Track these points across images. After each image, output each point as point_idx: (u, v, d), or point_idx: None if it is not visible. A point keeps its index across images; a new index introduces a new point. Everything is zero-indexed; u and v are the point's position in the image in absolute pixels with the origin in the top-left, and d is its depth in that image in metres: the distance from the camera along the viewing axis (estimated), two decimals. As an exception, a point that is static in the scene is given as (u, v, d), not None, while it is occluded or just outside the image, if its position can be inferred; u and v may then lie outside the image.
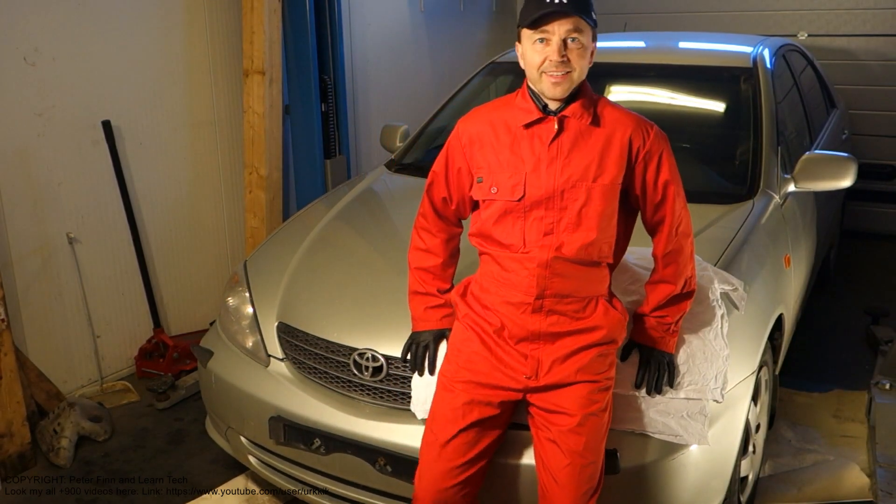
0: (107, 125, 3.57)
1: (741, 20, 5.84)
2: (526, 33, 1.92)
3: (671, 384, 2.13)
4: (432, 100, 5.40)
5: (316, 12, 4.37)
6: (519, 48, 1.99)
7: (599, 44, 2.03)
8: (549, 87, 1.91)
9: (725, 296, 2.33)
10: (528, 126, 1.98)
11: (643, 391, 2.13)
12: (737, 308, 2.36)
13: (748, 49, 3.68)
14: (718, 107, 3.60)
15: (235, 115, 4.23)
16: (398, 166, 3.59)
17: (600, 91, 3.56)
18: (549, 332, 1.99)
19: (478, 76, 3.95)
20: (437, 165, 2.16)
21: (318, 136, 4.50)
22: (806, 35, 5.69)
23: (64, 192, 3.49)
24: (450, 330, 2.22)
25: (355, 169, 5.07)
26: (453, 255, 2.27)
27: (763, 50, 3.66)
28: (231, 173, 4.28)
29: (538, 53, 1.90)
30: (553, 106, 1.96)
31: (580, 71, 1.91)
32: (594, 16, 1.92)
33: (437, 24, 5.88)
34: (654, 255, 2.12)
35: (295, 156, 4.58)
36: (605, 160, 1.95)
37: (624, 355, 2.17)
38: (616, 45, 4.14)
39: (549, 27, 1.87)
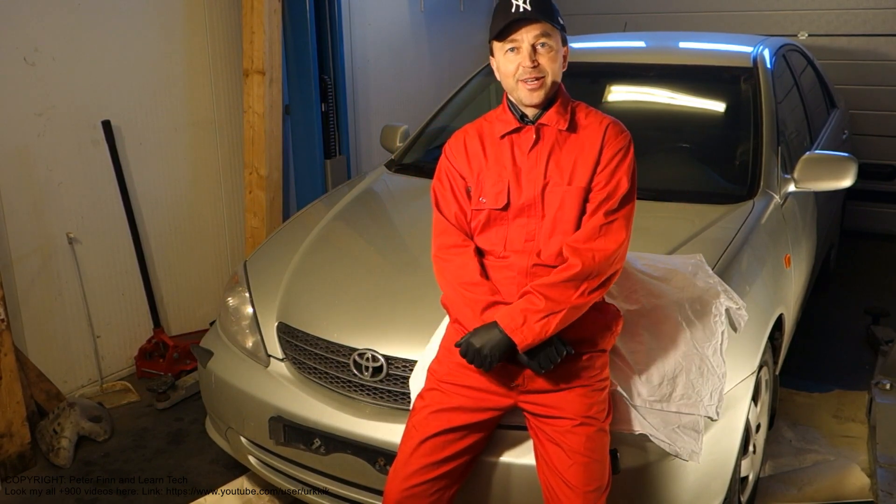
0: (107, 125, 3.57)
1: (741, 20, 5.84)
2: (497, 45, 1.98)
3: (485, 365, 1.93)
4: (432, 100, 5.40)
5: (316, 12, 4.37)
6: (493, 62, 2.04)
7: (600, 44, 2.05)
8: (527, 94, 1.96)
9: (727, 313, 2.32)
10: (507, 135, 2.03)
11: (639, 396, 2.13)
12: (734, 329, 2.33)
13: (748, 49, 3.68)
14: (718, 107, 3.60)
15: (235, 115, 4.23)
16: (398, 166, 3.58)
17: (601, 91, 3.57)
18: None
19: (478, 76, 3.95)
20: (437, 183, 2.12)
21: (318, 136, 4.50)
22: (806, 35, 5.69)
23: (64, 192, 3.49)
24: None
25: (355, 169, 5.07)
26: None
27: (763, 50, 3.65)
28: (231, 173, 4.28)
29: (510, 62, 1.96)
30: (530, 114, 2.00)
31: (553, 74, 1.96)
32: (561, 21, 1.97)
33: (437, 24, 5.88)
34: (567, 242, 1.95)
35: (295, 156, 4.58)
36: (578, 164, 1.98)
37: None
38: (616, 45, 4.14)
39: (517, 35, 1.93)
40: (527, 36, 1.92)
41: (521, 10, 1.90)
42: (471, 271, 2.00)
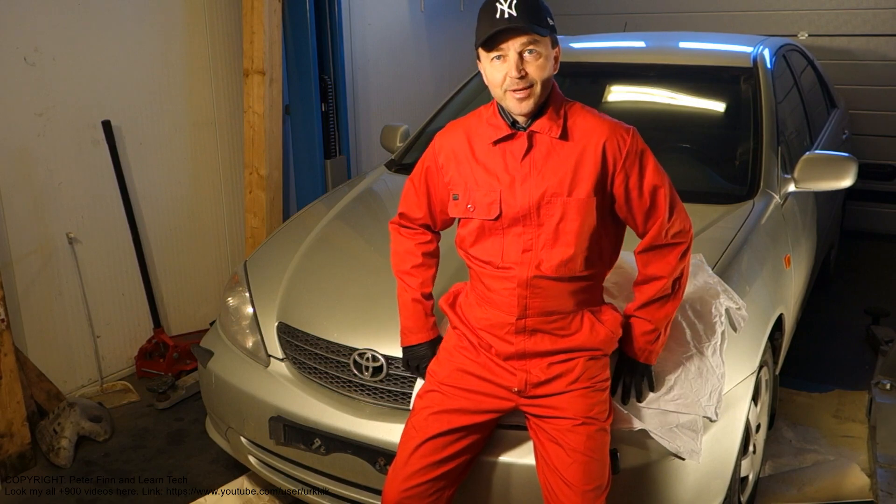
0: (107, 125, 3.57)
1: (741, 20, 5.84)
2: (482, 53, 1.89)
3: (652, 389, 2.13)
4: (432, 100, 5.40)
5: (316, 12, 4.37)
6: (480, 67, 1.95)
7: (600, 44, 2.02)
8: (515, 104, 1.88)
9: (727, 313, 2.32)
10: (498, 143, 1.96)
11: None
12: (734, 329, 2.33)
13: (748, 49, 3.68)
14: (718, 107, 3.60)
15: (235, 115, 4.23)
16: (398, 166, 3.59)
17: (601, 91, 3.57)
18: (534, 350, 1.99)
19: (478, 76, 3.94)
20: (415, 177, 2.15)
21: (318, 136, 4.50)
22: (806, 35, 5.69)
23: (64, 192, 3.49)
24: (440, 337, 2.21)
25: (355, 169, 5.07)
26: (428, 256, 2.24)
27: (763, 50, 3.65)
28: (231, 173, 4.28)
29: (497, 71, 1.86)
30: (521, 121, 1.93)
31: (542, 83, 1.86)
32: (550, 22, 1.88)
33: (437, 24, 5.88)
34: (637, 254, 2.05)
35: (295, 156, 4.58)
36: (578, 173, 1.91)
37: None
38: (616, 45, 4.14)
39: (503, 45, 1.83)
40: (513, 45, 1.82)
41: (507, 16, 1.79)
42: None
